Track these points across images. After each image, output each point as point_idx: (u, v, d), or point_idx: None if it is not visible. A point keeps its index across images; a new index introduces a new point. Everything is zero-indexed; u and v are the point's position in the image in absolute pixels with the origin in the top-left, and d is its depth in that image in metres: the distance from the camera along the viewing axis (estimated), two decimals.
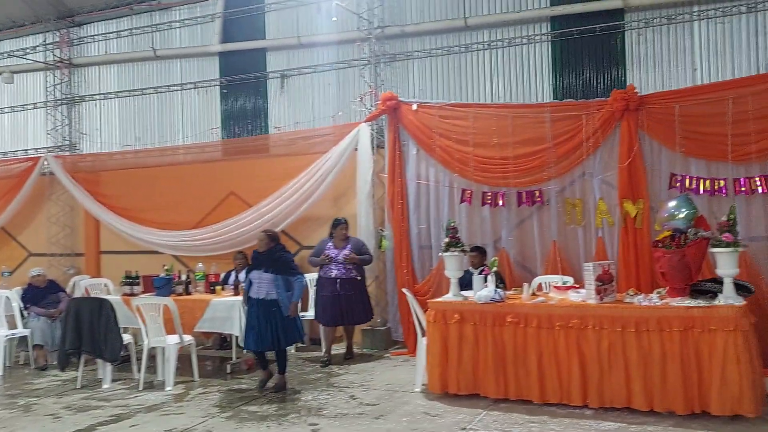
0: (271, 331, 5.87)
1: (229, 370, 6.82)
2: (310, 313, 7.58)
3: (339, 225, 7.27)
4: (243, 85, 9.38)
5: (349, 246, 7.22)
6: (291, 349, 7.70)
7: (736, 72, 6.78)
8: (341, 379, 6.42)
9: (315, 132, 8.55)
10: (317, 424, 5.00)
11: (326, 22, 8.60)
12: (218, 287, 7.23)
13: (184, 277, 7.25)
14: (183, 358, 6.59)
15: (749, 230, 6.32)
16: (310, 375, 6.64)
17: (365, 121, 8.01)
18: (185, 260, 8.93)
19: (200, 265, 7.57)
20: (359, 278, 7.24)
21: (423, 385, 5.77)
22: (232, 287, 7.30)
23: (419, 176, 7.85)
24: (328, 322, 7.21)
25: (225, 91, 9.53)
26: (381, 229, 8.06)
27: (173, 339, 6.33)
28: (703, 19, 6.97)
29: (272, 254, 5.98)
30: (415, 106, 7.79)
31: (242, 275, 8.02)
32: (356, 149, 7.98)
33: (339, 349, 7.45)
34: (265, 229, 6.52)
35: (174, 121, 9.89)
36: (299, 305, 6.19)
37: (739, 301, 4.78)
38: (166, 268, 7.40)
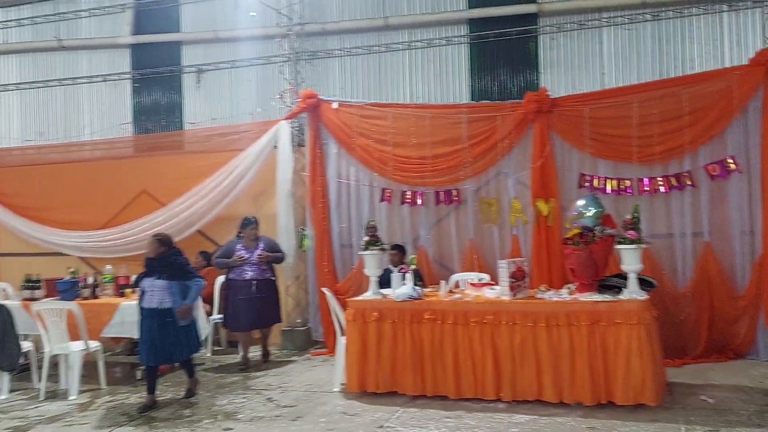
0: (168, 343, 5.42)
1: (139, 377, 6.51)
2: (221, 316, 7.34)
3: (249, 225, 6.95)
4: (156, 79, 9.03)
5: (261, 245, 6.98)
6: (207, 352, 7.51)
7: (641, 77, 7.13)
8: (258, 381, 6.28)
9: (233, 129, 8.33)
10: (232, 429, 4.87)
11: (245, 17, 8.43)
12: (128, 290, 6.87)
13: (90, 280, 6.89)
14: (89, 366, 6.27)
15: (652, 228, 6.66)
16: (226, 379, 6.45)
17: (285, 119, 7.89)
18: (92, 262, 8.47)
19: (109, 267, 7.21)
20: (273, 278, 7.07)
21: (342, 384, 5.73)
22: None
23: (340, 175, 7.81)
24: (245, 327, 6.97)
25: (137, 84, 9.16)
26: (302, 228, 7.96)
27: (78, 345, 6.00)
28: (611, 26, 7.30)
29: (165, 259, 5.52)
30: (335, 105, 7.74)
31: None
32: (276, 147, 7.84)
33: (256, 350, 7.27)
34: (155, 233, 5.93)
35: (81, 116, 9.42)
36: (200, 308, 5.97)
37: (643, 296, 5.01)
38: (71, 270, 7.02)
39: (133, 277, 7.40)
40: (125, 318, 6.26)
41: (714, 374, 5.90)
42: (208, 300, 7.67)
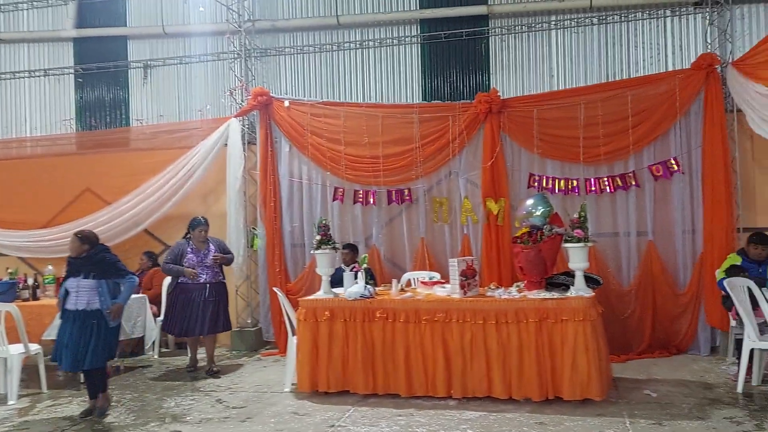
0: (90, 348, 5.03)
1: (82, 380, 6.30)
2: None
3: (199, 226, 6.57)
4: (101, 74, 8.74)
5: (212, 247, 6.65)
6: (154, 354, 7.33)
7: (588, 79, 7.28)
8: (207, 383, 6.15)
9: (181, 126, 8.16)
10: (179, 431, 4.74)
11: (194, 12, 8.29)
12: None
13: (31, 281, 6.63)
14: (29, 369, 6.03)
15: (598, 227, 6.84)
16: (173, 381, 6.30)
17: (236, 116, 7.77)
18: (33, 262, 8.18)
19: (50, 267, 6.98)
20: (224, 281, 6.76)
21: (293, 384, 5.67)
22: None
23: (292, 174, 7.74)
24: (195, 332, 6.53)
25: (80, 80, 8.85)
26: (253, 228, 7.85)
27: (17, 348, 5.75)
28: (560, 29, 7.44)
29: (91, 258, 5.16)
30: (287, 103, 7.67)
31: None
32: (226, 145, 7.71)
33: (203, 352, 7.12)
34: (77, 231, 5.51)
35: (21, 111, 9.03)
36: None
37: (589, 293, 5.11)
38: (10, 271, 6.80)
39: None
40: None
41: (657, 369, 6.08)
42: (155, 301, 7.49)
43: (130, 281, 5.34)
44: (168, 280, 6.87)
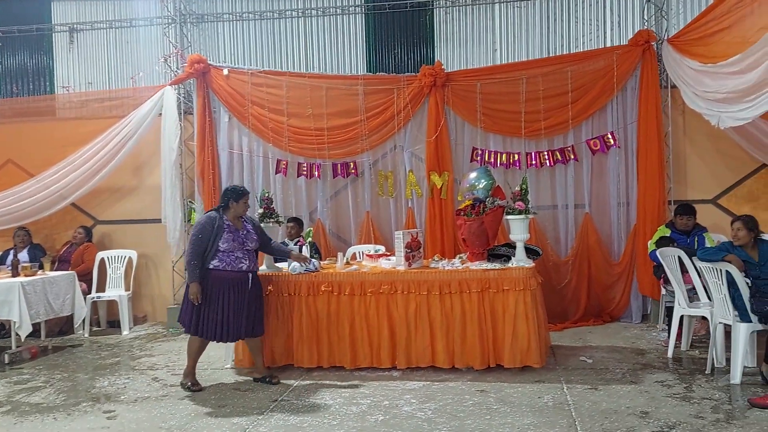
0: None
1: (7, 360, 5.98)
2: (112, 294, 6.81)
3: (245, 195, 5.03)
4: (22, 38, 8.18)
5: (248, 226, 5.11)
6: (84, 333, 7.03)
7: (530, 54, 7.34)
8: (143, 362, 5.94)
9: (112, 94, 7.78)
10: (113, 411, 4.55)
11: None
12: None
13: None
14: None
15: (538, 199, 6.97)
16: (106, 360, 6.05)
17: (170, 84, 7.44)
18: None
19: None
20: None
21: (233, 361, 5.54)
22: (9, 268, 6.38)
23: (232, 145, 7.52)
24: (234, 336, 4.99)
25: (0, 44, 8.25)
26: (190, 201, 7.59)
27: None
28: (503, 2, 7.43)
29: None
30: (226, 72, 7.40)
31: (23, 254, 7.14)
32: (160, 114, 7.39)
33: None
34: None
35: None
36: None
37: (529, 264, 5.20)
38: None
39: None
40: None
41: (592, 336, 6.29)
42: (85, 278, 7.17)
43: None
44: (101, 255, 6.57)
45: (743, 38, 5.03)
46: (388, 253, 5.97)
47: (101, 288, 7.39)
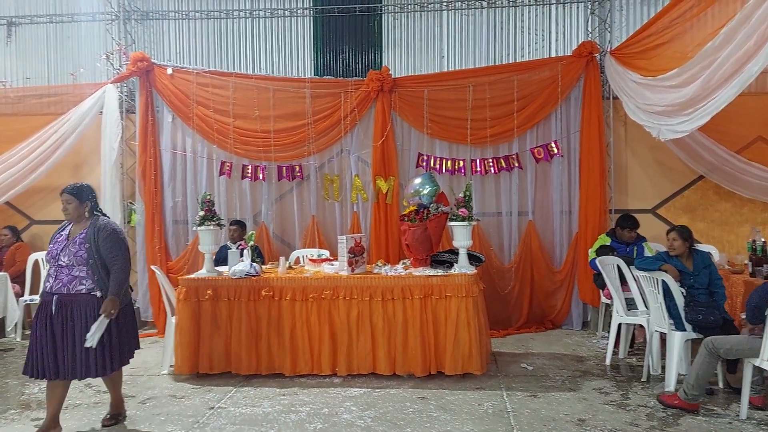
0: None
1: None
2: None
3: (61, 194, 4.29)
4: None
5: (84, 235, 4.02)
6: (17, 337, 6.76)
7: (477, 62, 7.40)
8: None
9: (50, 90, 7.48)
10: (43, 419, 4.35)
11: None
12: None
13: None
14: None
15: (483, 206, 7.05)
16: None
17: (112, 82, 7.22)
18: None
19: None
20: None
21: (171, 366, 5.40)
22: None
23: (175, 146, 7.34)
24: (51, 374, 3.98)
25: None
26: (130, 203, 7.38)
27: None
28: (451, 10, 7.49)
29: None
30: (170, 71, 7.23)
31: None
32: (101, 113, 7.17)
33: None
34: None
35: None
36: None
37: (472, 270, 5.23)
38: None
39: None
40: None
41: (533, 343, 6.38)
42: (18, 280, 6.89)
43: None
44: (35, 257, 6.29)
45: (682, 53, 5.17)
46: (332, 258, 5.92)
47: (35, 290, 7.09)
